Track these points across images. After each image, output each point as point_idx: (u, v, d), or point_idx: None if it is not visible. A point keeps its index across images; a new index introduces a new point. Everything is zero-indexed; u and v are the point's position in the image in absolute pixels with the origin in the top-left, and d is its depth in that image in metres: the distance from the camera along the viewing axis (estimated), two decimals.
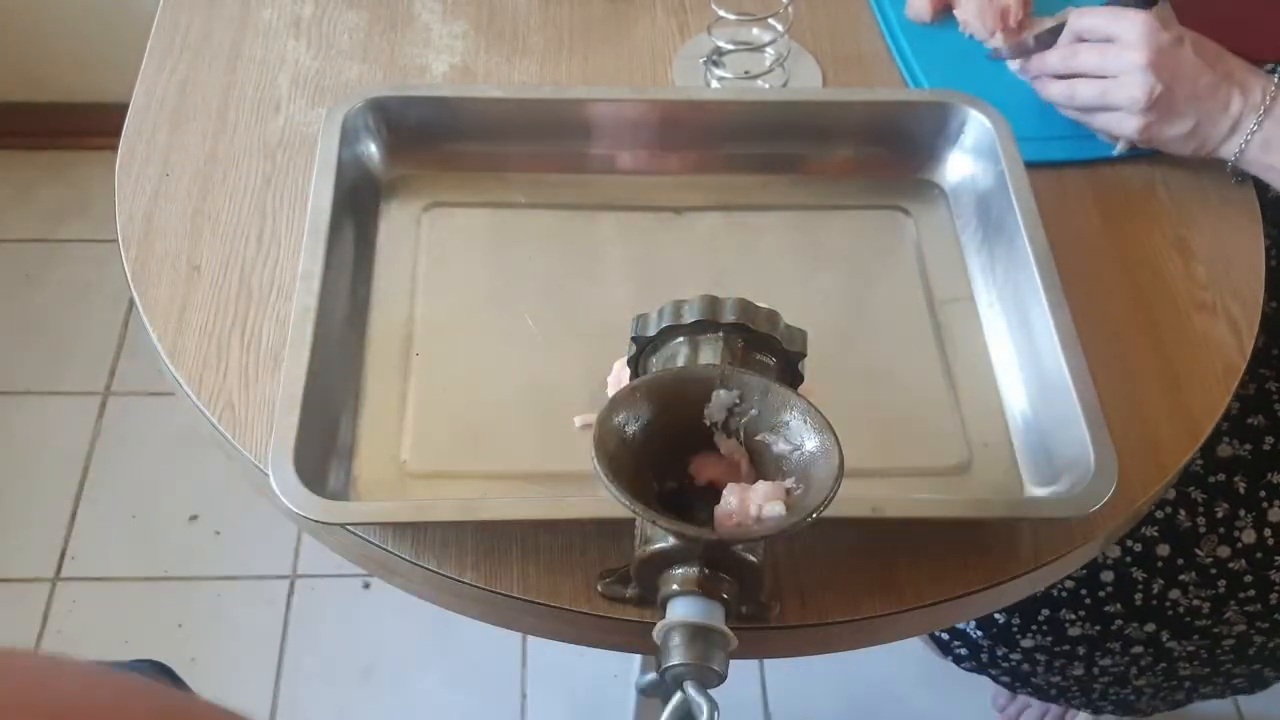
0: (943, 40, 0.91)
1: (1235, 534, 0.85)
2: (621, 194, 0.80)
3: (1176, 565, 0.86)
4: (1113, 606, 0.88)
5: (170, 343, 0.70)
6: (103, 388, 1.60)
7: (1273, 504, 0.84)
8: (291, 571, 1.45)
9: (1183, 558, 0.86)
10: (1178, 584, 0.86)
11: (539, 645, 1.39)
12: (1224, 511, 0.85)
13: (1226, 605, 0.87)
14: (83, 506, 1.49)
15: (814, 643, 0.65)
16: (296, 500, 0.59)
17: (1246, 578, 0.86)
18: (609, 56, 0.89)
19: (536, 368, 0.71)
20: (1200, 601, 0.87)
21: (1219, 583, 0.86)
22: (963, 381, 0.72)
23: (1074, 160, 0.84)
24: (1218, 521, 0.85)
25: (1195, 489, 0.85)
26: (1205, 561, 0.85)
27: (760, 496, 0.52)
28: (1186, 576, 0.86)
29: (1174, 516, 0.85)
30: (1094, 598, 0.88)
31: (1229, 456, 0.85)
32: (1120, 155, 0.83)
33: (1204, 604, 0.87)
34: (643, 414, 0.54)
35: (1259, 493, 0.85)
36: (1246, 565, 0.85)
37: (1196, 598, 0.87)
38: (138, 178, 0.79)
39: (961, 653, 0.99)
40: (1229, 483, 0.85)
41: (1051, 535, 0.65)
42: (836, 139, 0.81)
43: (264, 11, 0.90)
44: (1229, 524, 0.85)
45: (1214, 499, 0.85)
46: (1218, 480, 0.85)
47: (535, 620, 0.64)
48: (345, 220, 0.74)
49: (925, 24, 0.92)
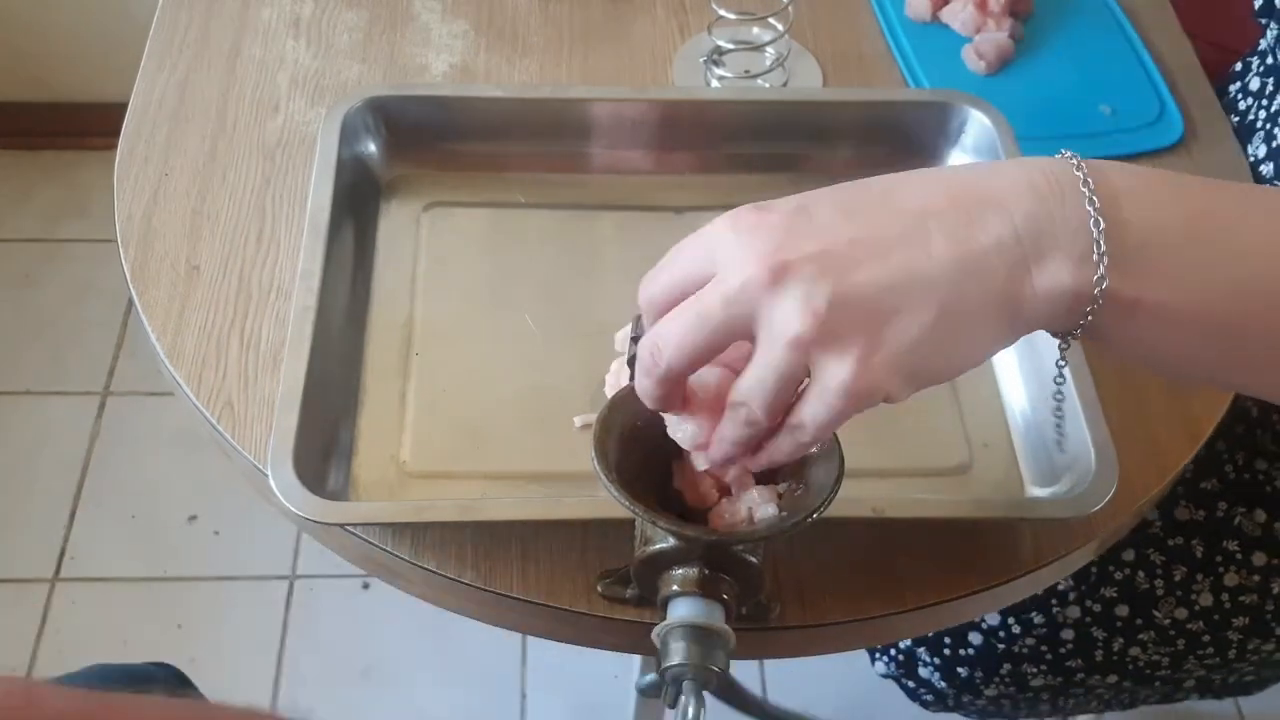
0: (943, 39, 0.91)
1: (1193, 597, 0.85)
2: (621, 194, 0.80)
3: (1135, 625, 0.86)
4: (1074, 662, 0.89)
5: (169, 342, 0.70)
6: (102, 388, 1.60)
7: (1228, 570, 0.85)
8: (291, 572, 1.45)
9: (1141, 618, 0.86)
10: (1137, 642, 0.87)
11: (539, 645, 1.39)
12: (1181, 575, 0.85)
13: (1186, 659, 0.88)
14: (82, 507, 1.49)
15: (814, 643, 0.65)
16: (296, 500, 0.59)
17: (1204, 638, 0.86)
18: (609, 56, 0.89)
19: (536, 368, 0.71)
20: (1160, 656, 0.88)
21: (1178, 641, 0.86)
22: (963, 381, 0.72)
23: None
24: (1175, 584, 0.85)
25: (1154, 551, 0.85)
26: (1164, 622, 0.86)
27: (753, 499, 0.53)
28: (1145, 636, 0.86)
29: (1133, 578, 0.85)
30: (1055, 654, 0.89)
31: (1186, 520, 0.85)
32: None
33: (1164, 658, 0.88)
34: (643, 414, 0.54)
35: (1215, 558, 0.85)
36: (1204, 627, 0.86)
37: (1156, 653, 0.88)
38: (137, 178, 0.79)
39: (928, 699, 1.00)
40: (1187, 546, 0.85)
41: (1052, 536, 0.65)
42: (836, 139, 0.81)
43: (263, 11, 0.90)
44: (1186, 587, 0.85)
45: (1172, 561, 0.85)
46: (1176, 543, 0.85)
47: (535, 620, 0.64)
48: (345, 220, 0.74)
49: (925, 22, 0.92)
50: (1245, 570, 0.84)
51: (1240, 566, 0.84)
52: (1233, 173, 0.83)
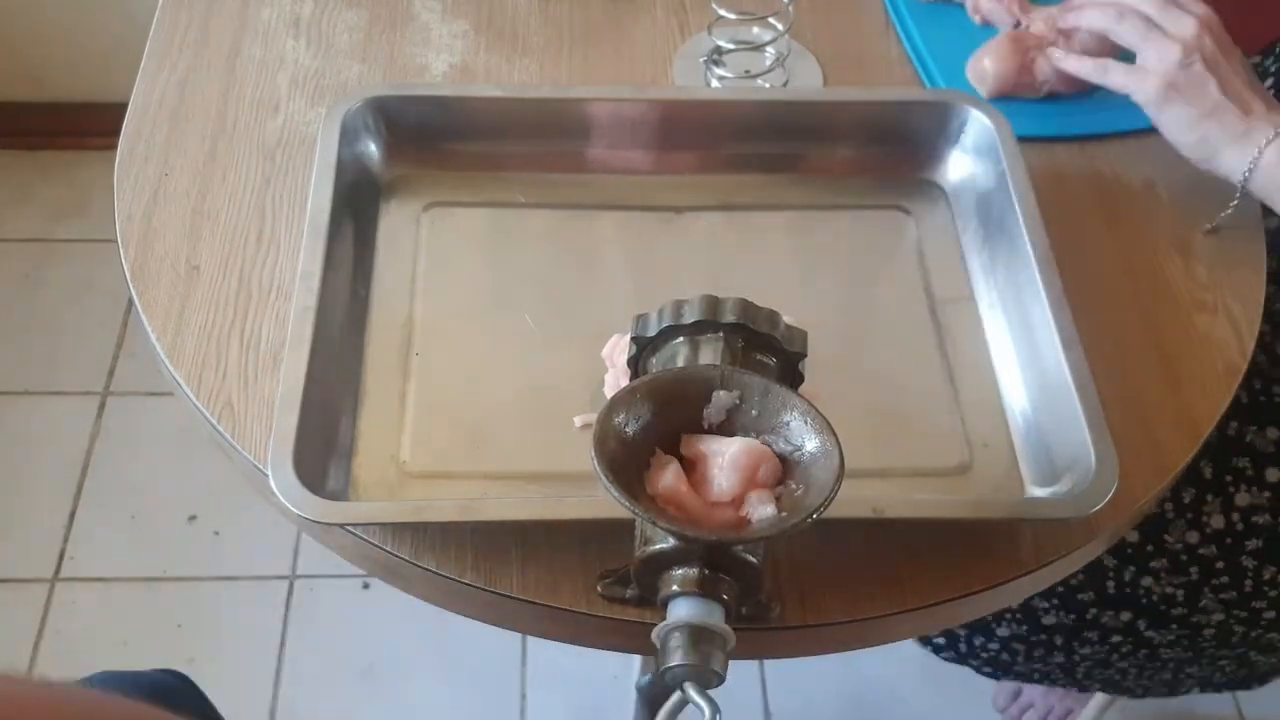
0: (949, 19, 0.91)
1: (1204, 519, 0.85)
2: (621, 194, 0.80)
3: (1146, 552, 0.86)
4: (1085, 595, 0.88)
5: (169, 342, 0.70)
6: (102, 388, 1.60)
7: (1239, 488, 0.84)
8: (291, 572, 1.45)
9: (1152, 544, 0.86)
10: (1149, 571, 0.86)
11: (539, 645, 1.39)
12: (1190, 497, 0.85)
13: (1201, 593, 0.87)
14: (81, 507, 1.48)
15: (814, 643, 0.65)
16: (296, 500, 0.59)
17: (1218, 564, 0.85)
18: (609, 56, 0.89)
19: (536, 368, 0.71)
20: (1174, 589, 0.87)
21: (1190, 569, 0.86)
22: (963, 381, 0.72)
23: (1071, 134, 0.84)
24: (1185, 507, 0.85)
25: None
26: (1175, 548, 0.85)
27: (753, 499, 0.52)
28: (1157, 563, 0.86)
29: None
30: (1065, 585, 0.88)
31: None
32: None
33: (1178, 591, 0.87)
34: (643, 414, 0.54)
35: (1225, 477, 0.84)
36: (1216, 551, 0.85)
37: (1170, 585, 0.87)
38: (137, 177, 0.79)
39: (939, 642, 0.99)
40: (1194, 466, 0.84)
41: (1052, 536, 0.65)
42: (837, 139, 0.81)
43: (263, 11, 0.90)
44: (1196, 509, 0.85)
45: (1180, 484, 0.85)
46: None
47: (535, 620, 0.64)
48: (345, 220, 0.74)
49: (933, 1, 0.92)
50: (1257, 487, 0.84)
51: (1251, 484, 0.84)
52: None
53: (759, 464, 0.53)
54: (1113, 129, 0.85)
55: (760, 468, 0.53)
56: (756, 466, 0.53)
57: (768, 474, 0.53)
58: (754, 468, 0.53)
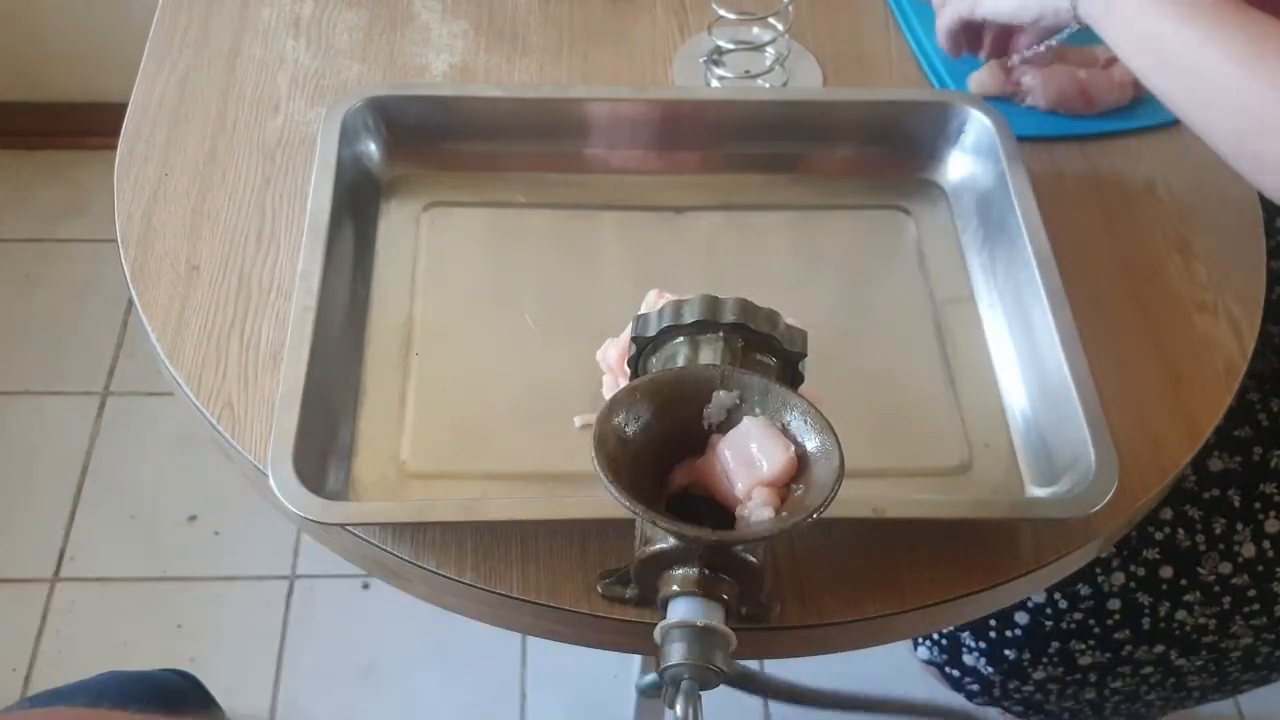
0: None
1: (1235, 549, 0.85)
2: (621, 194, 0.80)
3: (1180, 586, 0.86)
4: (1121, 633, 0.88)
5: (169, 342, 0.70)
6: (102, 388, 1.60)
7: (1268, 515, 0.84)
8: (290, 572, 1.45)
9: (1186, 578, 0.86)
10: (1183, 604, 0.86)
11: (539, 645, 1.39)
12: (1221, 528, 0.85)
13: (1232, 620, 0.87)
14: (81, 507, 1.48)
15: (814, 643, 0.65)
16: (296, 500, 0.59)
17: (1250, 592, 0.86)
18: (609, 56, 0.89)
19: (536, 368, 0.71)
20: (1207, 619, 0.87)
21: (1224, 599, 0.86)
22: (963, 381, 0.72)
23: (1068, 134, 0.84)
24: (1216, 538, 0.85)
25: (1191, 506, 0.85)
26: (1208, 579, 0.85)
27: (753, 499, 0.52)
28: (1191, 596, 0.86)
29: (1173, 536, 0.85)
30: (1102, 626, 0.88)
31: (1220, 470, 0.85)
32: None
33: (1210, 620, 0.87)
34: (643, 414, 0.54)
35: (1254, 505, 0.85)
36: (1249, 580, 0.85)
37: (1203, 615, 0.87)
38: (137, 177, 0.79)
39: (974, 689, 0.99)
40: (1224, 497, 0.85)
41: (1052, 535, 0.65)
42: (837, 139, 0.81)
43: (263, 11, 0.90)
44: (1228, 540, 0.85)
45: (1211, 515, 0.85)
46: (1212, 496, 0.85)
47: (535, 620, 0.64)
48: (345, 220, 0.74)
49: None
50: None
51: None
52: None
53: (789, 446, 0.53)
54: (1113, 129, 0.85)
55: (788, 452, 0.53)
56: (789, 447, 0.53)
57: (789, 468, 0.53)
58: (788, 446, 0.53)
